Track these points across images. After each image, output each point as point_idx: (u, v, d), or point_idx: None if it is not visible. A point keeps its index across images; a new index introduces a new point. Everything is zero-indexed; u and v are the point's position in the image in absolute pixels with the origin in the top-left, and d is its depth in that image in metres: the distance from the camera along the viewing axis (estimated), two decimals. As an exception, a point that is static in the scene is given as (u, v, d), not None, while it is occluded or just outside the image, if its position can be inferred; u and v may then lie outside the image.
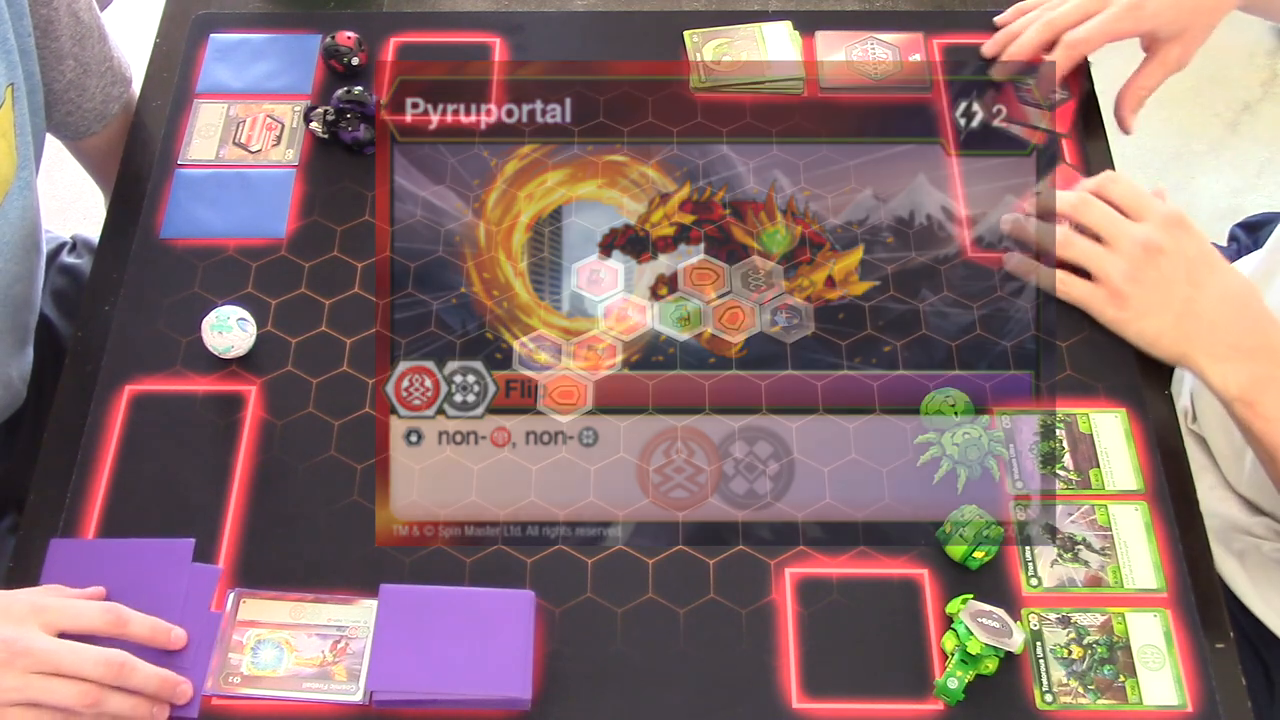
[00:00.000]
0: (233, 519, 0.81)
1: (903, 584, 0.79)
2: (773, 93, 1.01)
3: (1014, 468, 0.83)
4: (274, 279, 0.91)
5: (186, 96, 1.01)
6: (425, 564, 0.80)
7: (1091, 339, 0.88)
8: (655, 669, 0.76)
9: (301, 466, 0.84)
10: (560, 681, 0.76)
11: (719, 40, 1.03)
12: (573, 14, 1.06)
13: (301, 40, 1.04)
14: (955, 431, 0.82)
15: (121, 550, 0.79)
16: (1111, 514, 0.81)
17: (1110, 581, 0.79)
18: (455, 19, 1.06)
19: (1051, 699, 0.75)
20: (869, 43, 1.04)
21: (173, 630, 0.75)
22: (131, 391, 0.86)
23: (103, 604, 0.74)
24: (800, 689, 0.76)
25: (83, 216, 1.85)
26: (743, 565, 0.80)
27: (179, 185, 0.96)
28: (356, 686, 0.75)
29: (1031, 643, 0.77)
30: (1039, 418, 0.85)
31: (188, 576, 0.78)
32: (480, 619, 0.76)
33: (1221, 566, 0.93)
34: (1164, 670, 0.76)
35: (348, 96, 0.96)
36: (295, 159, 0.97)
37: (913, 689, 0.76)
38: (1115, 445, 0.84)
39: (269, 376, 0.87)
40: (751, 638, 0.77)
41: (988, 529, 0.78)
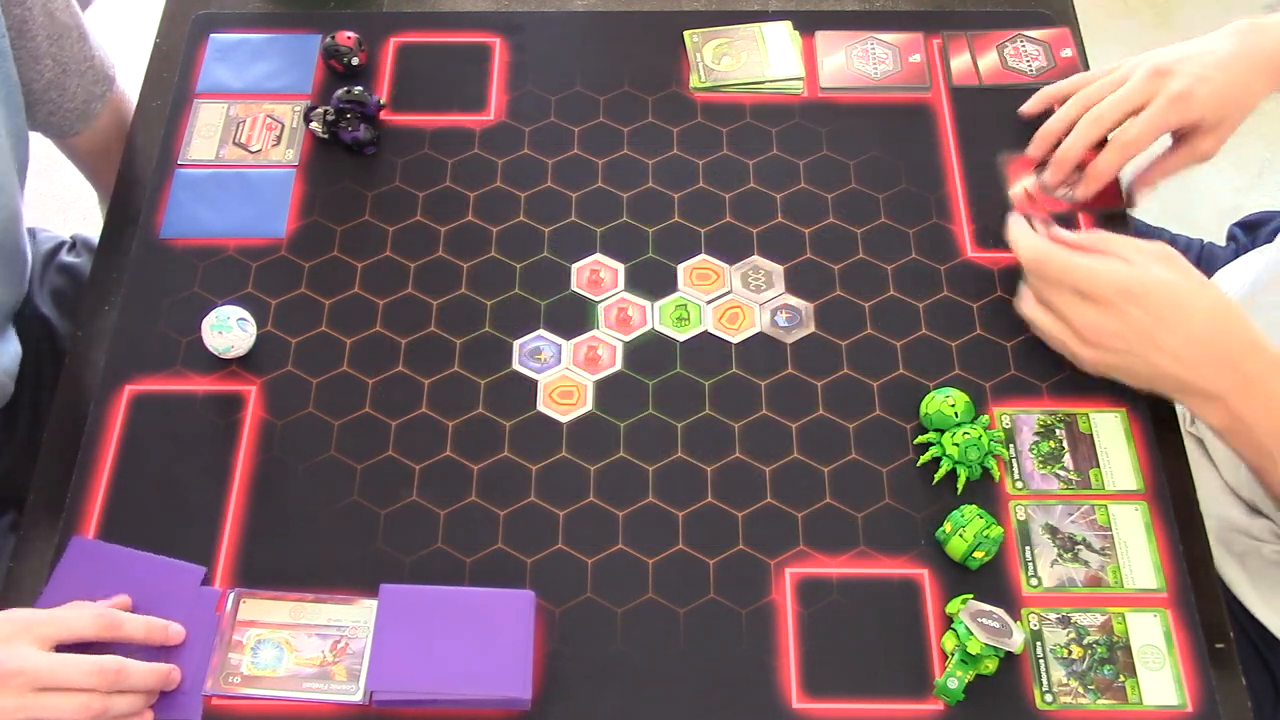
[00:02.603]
0: (233, 519, 0.81)
1: (903, 584, 0.79)
2: (773, 93, 1.01)
3: (1014, 468, 0.83)
4: (274, 279, 0.91)
5: (186, 96, 1.01)
6: (425, 564, 0.80)
7: (1091, 339, 0.88)
8: (655, 669, 0.76)
9: (301, 466, 0.84)
10: (560, 681, 0.76)
11: (719, 40, 1.03)
12: (573, 14, 1.06)
13: (301, 40, 1.04)
14: (955, 431, 0.82)
15: (135, 561, 0.79)
16: (1111, 514, 0.81)
17: (1110, 581, 0.79)
18: (455, 19, 1.06)
19: (1051, 699, 0.75)
20: (869, 43, 1.04)
21: (169, 626, 0.75)
22: (131, 391, 0.86)
23: (94, 609, 0.74)
24: (800, 689, 0.76)
25: (83, 216, 1.85)
26: (743, 565, 0.80)
27: (179, 185, 0.96)
28: (356, 686, 0.75)
29: (1031, 643, 0.77)
30: (1039, 418, 0.85)
31: (193, 601, 0.78)
32: (480, 619, 0.77)
33: (1223, 568, 0.93)
34: (1164, 670, 0.76)
35: (348, 96, 0.96)
36: (295, 159, 0.97)
37: (913, 689, 0.76)
38: (1115, 445, 0.84)
39: (269, 376, 0.87)
40: (751, 638, 0.77)
41: (988, 529, 0.78)
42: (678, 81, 1.02)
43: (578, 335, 0.89)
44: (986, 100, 1.00)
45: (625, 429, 0.85)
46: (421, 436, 0.85)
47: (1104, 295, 0.81)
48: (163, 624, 0.75)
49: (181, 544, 0.80)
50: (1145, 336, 0.80)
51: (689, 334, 0.89)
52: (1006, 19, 1.05)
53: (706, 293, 0.91)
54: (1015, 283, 0.91)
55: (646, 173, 0.97)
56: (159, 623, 0.75)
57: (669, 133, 0.99)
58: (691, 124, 1.00)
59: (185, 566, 0.79)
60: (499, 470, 0.84)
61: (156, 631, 0.75)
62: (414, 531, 0.81)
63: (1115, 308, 0.81)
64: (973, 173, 0.96)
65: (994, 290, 0.91)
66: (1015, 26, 1.05)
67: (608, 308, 0.90)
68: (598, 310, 0.90)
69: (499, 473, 0.83)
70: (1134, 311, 0.80)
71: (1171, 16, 2.07)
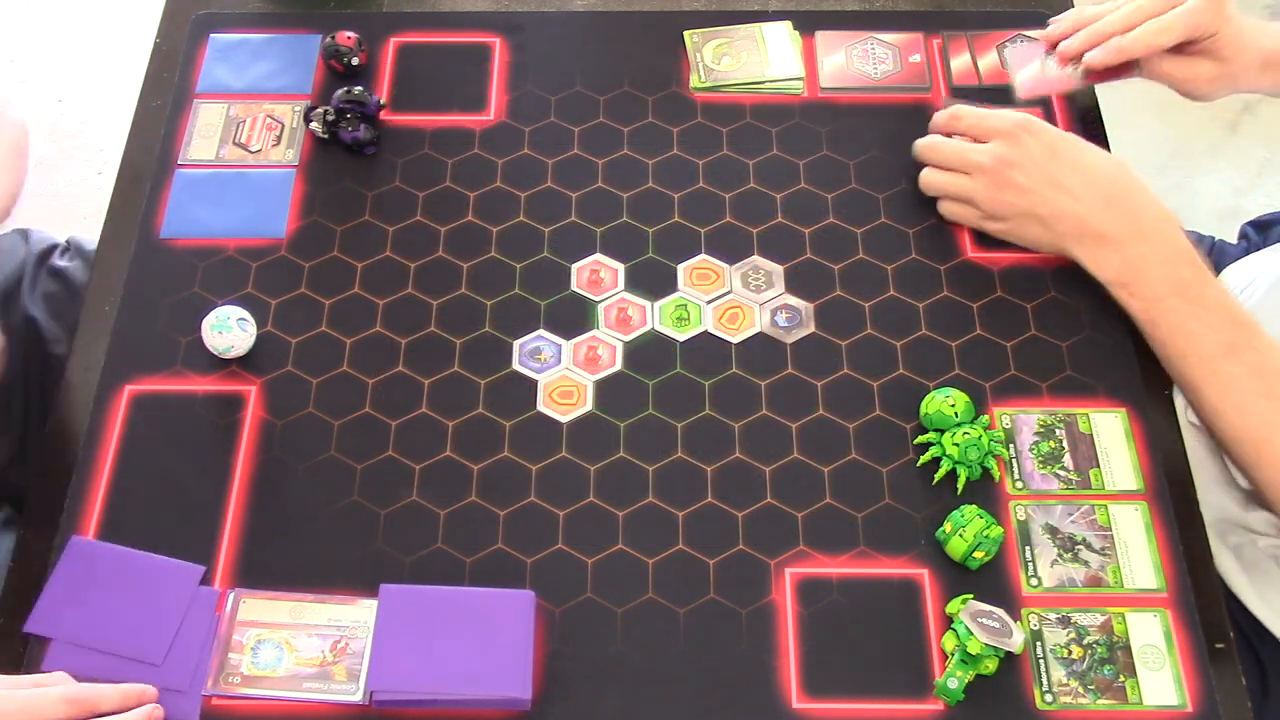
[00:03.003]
0: (233, 519, 0.81)
1: (903, 584, 0.79)
2: (773, 93, 1.01)
3: (1014, 468, 0.83)
4: (274, 279, 0.91)
5: (186, 96, 1.01)
6: (425, 564, 0.80)
7: (1092, 339, 0.89)
8: (655, 669, 0.76)
9: (301, 466, 0.84)
10: (560, 681, 0.76)
11: (719, 40, 1.03)
12: (573, 14, 1.06)
13: (301, 40, 1.04)
14: (955, 431, 0.82)
15: (134, 561, 0.79)
16: (1111, 514, 0.81)
17: (1110, 581, 0.79)
18: (455, 19, 1.06)
19: (1051, 699, 0.75)
20: (869, 43, 1.04)
21: (144, 691, 0.73)
22: (131, 391, 0.86)
23: (63, 692, 0.70)
24: (800, 689, 0.76)
25: (82, 216, 1.86)
26: (743, 565, 0.80)
27: (179, 185, 0.96)
28: (356, 686, 0.75)
29: (1031, 643, 0.77)
30: (1039, 418, 0.85)
31: (190, 601, 0.78)
32: (480, 619, 0.77)
33: (1217, 561, 0.93)
34: (1164, 670, 0.76)
35: (348, 96, 0.96)
36: (295, 159, 0.97)
37: (913, 689, 0.76)
38: (1115, 445, 0.84)
39: (269, 376, 0.87)
40: (751, 638, 0.77)
41: (988, 529, 0.78)
42: (678, 81, 1.02)
43: (578, 335, 0.89)
44: (986, 100, 1.00)
45: (625, 429, 0.85)
46: (421, 436, 0.85)
47: (1003, 127, 0.89)
48: (138, 690, 0.73)
49: (181, 544, 0.80)
50: (1044, 173, 0.87)
51: (689, 334, 0.89)
52: (1006, 19, 1.05)
53: (706, 293, 0.91)
54: (1016, 283, 0.91)
55: (646, 173, 0.97)
56: (133, 690, 0.72)
57: (669, 133, 0.99)
58: (691, 124, 1.00)
59: (184, 566, 0.79)
60: (499, 470, 0.84)
61: (130, 699, 0.72)
62: (414, 531, 0.81)
63: (1014, 137, 0.89)
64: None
65: (994, 290, 0.91)
66: (1015, 26, 1.05)
67: (608, 308, 0.90)
68: (598, 310, 0.90)
69: (499, 473, 0.83)
70: (1032, 142, 0.88)
71: (1171, 16, 2.06)
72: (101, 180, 1.91)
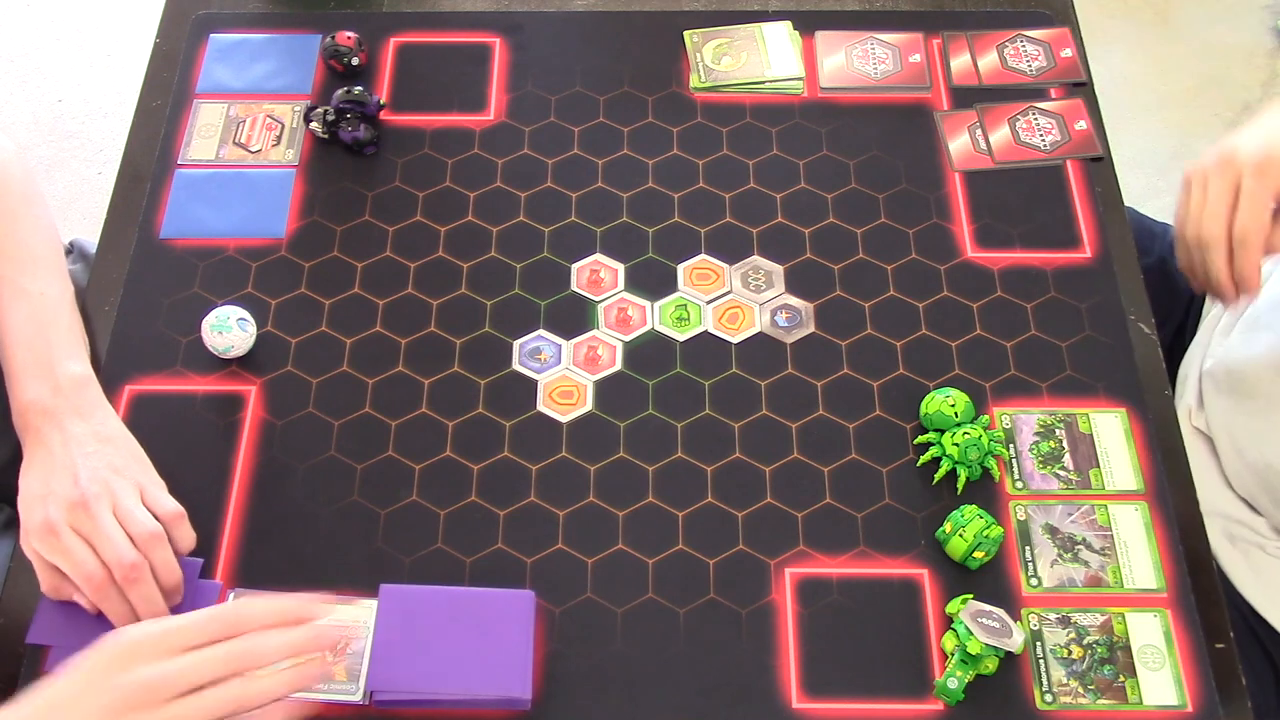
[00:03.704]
0: (233, 519, 0.81)
1: (903, 584, 0.79)
2: (773, 93, 1.01)
3: (1014, 468, 0.83)
4: (274, 279, 0.91)
5: (186, 96, 1.01)
6: (425, 564, 0.80)
7: (1091, 339, 0.89)
8: (655, 669, 0.76)
9: (301, 466, 0.84)
10: (560, 681, 0.76)
11: (719, 40, 1.03)
12: (572, 14, 1.06)
13: (301, 40, 1.04)
14: (955, 431, 0.82)
15: None
16: (1111, 514, 0.81)
17: (1110, 581, 0.79)
18: (455, 19, 1.06)
19: (1051, 699, 0.75)
20: (869, 43, 1.04)
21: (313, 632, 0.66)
22: (131, 391, 0.86)
23: (227, 651, 0.63)
24: (800, 689, 0.76)
25: (82, 216, 1.86)
26: (743, 565, 0.80)
27: (179, 185, 0.96)
28: (356, 686, 0.75)
29: (1031, 643, 0.77)
30: (1039, 418, 0.85)
31: (192, 594, 0.78)
32: (480, 619, 0.77)
33: (1225, 561, 0.93)
34: (1164, 670, 0.76)
35: (348, 96, 0.96)
36: (295, 159, 0.97)
37: (913, 689, 0.76)
38: (1115, 445, 0.84)
39: (269, 376, 0.87)
40: (751, 638, 0.77)
41: (988, 529, 0.78)
42: (678, 81, 1.02)
43: (578, 335, 0.89)
44: (986, 100, 1.00)
45: (625, 429, 0.85)
46: (421, 436, 0.85)
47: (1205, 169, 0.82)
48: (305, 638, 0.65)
49: (181, 544, 0.80)
50: None
51: (689, 334, 0.89)
52: (1006, 19, 1.05)
53: (706, 293, 0.91)
54: (1016, 283, 0.91)
55: (646, 173, 0.97)
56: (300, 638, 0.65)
57: (669, 133, 0.99)
58: (691, 124, 1.00)
59: (184, 560, 0.79)
60: (499, 470, 0.84)
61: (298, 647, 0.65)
62: (414, 531, 0.81)
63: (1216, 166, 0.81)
64: (973, 172, 0.96)
65: (994, 290, 0.91)
66: (1015, 26, 1.05)
67: (608, 308, 0.90)
68: (598, 310, 0.90)
69: (499, 473, 0.83)
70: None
71: (1171, 16, 2.07)
72: (101, 180, 1.90)
